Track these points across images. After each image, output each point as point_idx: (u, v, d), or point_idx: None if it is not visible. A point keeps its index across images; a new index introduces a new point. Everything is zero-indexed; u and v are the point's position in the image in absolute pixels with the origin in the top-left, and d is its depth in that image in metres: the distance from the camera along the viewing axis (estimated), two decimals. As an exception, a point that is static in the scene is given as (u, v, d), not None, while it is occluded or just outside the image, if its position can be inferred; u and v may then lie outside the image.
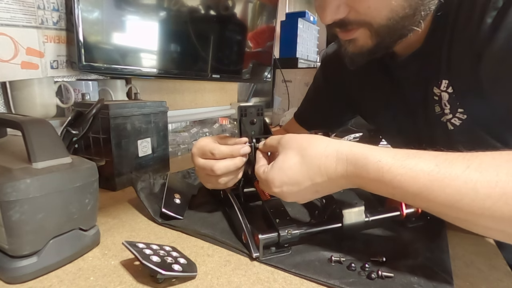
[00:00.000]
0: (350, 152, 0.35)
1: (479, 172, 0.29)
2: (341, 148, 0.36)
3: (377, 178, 0.33)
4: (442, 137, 0.48)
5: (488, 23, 0.36)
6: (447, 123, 0.46)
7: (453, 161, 0.31)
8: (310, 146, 0.38)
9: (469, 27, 0.39)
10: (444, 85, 0.44)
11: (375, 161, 0.33)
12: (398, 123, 0.57)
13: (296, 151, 0.38)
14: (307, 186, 0.37)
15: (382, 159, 0.33)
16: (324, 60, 0.72)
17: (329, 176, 0.36)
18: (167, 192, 0.52)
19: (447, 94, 0.44)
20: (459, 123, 0.45)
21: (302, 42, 1.80)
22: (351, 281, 0.34)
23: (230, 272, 0.37)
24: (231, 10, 1.02)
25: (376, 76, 0.56)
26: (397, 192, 0.33)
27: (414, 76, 0.49)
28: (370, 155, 0.34)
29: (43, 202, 0.34)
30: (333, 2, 0.40)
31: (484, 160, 0.30)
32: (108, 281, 0.35)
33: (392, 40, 0.42)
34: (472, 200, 0.29)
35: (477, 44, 0.38)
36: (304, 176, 0.37)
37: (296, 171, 0.37)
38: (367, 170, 0.34)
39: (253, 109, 0.47)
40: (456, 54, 0.42)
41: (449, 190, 0.30)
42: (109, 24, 0.68)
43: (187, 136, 1.04)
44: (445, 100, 0.44)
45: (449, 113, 0.45)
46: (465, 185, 0.29)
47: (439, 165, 0.31)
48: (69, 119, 0.51)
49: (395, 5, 0.38)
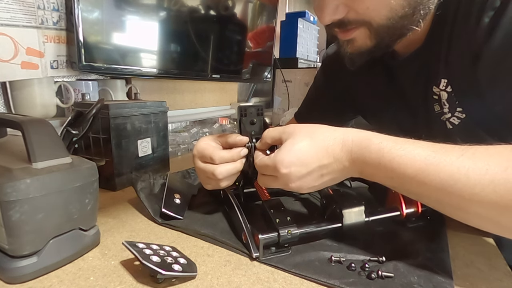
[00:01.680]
0: (356, 135, 0.37)
1: (471, 160, 0.31)
2: (347, 132, 0.38)
3: (377, 158, 0.35)
4: (441, 136, 0.48)
5: (485, 23, 0.36)
6: (446, 122, 0.46)
7: (448, 149, 0.33)
8: (318, 130, 0.40)
9: (467, 27, 0.39)
10: (443, 84, 0.44)
11: (377, 142, 0.36)
12: (398, 123, 0.57)
13: (304, 135, 0.39)
14: (314, 168, 0.38)
15: (383, 142, 0.36)
16: (324, 61, 0.72)
17: (335, 157, 0.37)
18: (167, 192, 0.52)
19: (446, 93, 0.44)
20: (457, 122, 0.45)
21: (302, 42, 1.80)
22: (351, 281, 0.34)
23: (230, 272, 0.37)
24: (231, 10, 1.02)
25: (376, 75, 0.56)
26: (395, 175, 0.34)
27: (415, 75, 0.49)
28: (373, 137, 0.37)
29: (43, 202, 0.34)
30: (332, 2, 0.40)
31: (478, 151, 0.32)
32: (108, 281, 0.35)
33: (392, 40, 0.42)
34: (463, 185, 0.31)
35: (475, 44, 0.38)
36: (313, 157, 0.38)
37: (304, 152, 0.38)
38: (370, 151, 0.36)
39: (253, 109, 0.47)
40: (455, 53, 0.42)
41: (443, 175, 0.32)
42: (109, 24, 0.68)
43: (187, 136, 1.04)
44: (444, 99, 0.45)
45: (448, 112, 0.45)
46: (458, 170, 0.31)
47: (435, 151, 0.33)
48: (69, 119, 0.51)
49: (395, 4, 0.38)
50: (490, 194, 0.29)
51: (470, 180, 0.30)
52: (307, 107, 0.79)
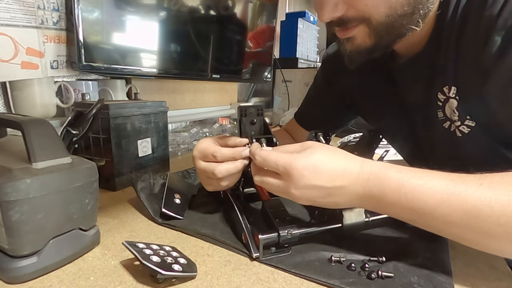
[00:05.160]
0: (373, 164, 0.36)
1: (492, 190, 0.31)
2: (365, 160, 0.37)
3: (397, 187, 0.34)
4: (448, 143, 0.47)
5: (496, 41, 0.36)
6: (455, 130, 0.45)
7: (466, 179, 0.32)
8: (338, 150, 0.39)
9: (476, 41, 0.38)
10: (453, 92, 0.43)
11: (397, 171, 0.35)
12: (397, 123, 0.57)
13: (326, 149, 0.38)
14: (324, 185, 0.36)
15: (403, 171, 0.35)
16: (324, 60, 0.72)
17: (350, 182, 0.36)
18: (167, 192, 0.52)
19: (455, 101, 0.43)
20: (467, 131, 0.44)
21: (302, 42, 1.80)
22: (351, 281, 0.34)
23: (230, 272, 0.37)
24: (231, 10, 1.02)
25: (376, 77, 0.56)
26: (416, 205, 0.33)
27: (414, 78, 0.49)
28: (391, 166, 0.36)
29: (43, 202, 0.34)
30: (331, 0, 0.40)
31: (494, 179, 0.32)
32: (108, 281, 0.35)
33: (391, 39, 0.42)
34: (488, 216, 0.30)
35: (484, 60, 0.37)
36: (328, 172, 0.35)
37: (323, 163, 0.36)
38: (389, 178, 0.34)
39: (253, 109, 0.47)
40: (464, 65, 0.41)
41: (466, 205, 0.31)
42: (109, 24, 0.68)
43: (187, 136, 1.04)
44: (454, 107, 0.44)
45: (458, 120, 0.44)
46: (480, 201, 0.31)
47: (454, 181, 0.32)
48: (69, 119, 0.51)
49: (394, 2, 0.38)
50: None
51: (494, 211, 0.30)
52: (307, 107, 0.79)
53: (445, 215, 0.32)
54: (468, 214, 0.31)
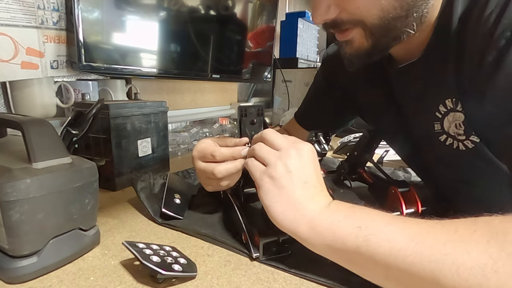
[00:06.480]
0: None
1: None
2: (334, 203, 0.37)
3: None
4: (445, 154, 0.47)
5: (488, 61, 0.35)
6: (457, 144, 0.44)
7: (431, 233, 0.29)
8: None
9: (472, 60, 0.37)
10: (460, 106, 0.42)
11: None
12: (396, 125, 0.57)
13: None
14: (310, 175, 0.37)
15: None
16: (324, 61, 0.72)
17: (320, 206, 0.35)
18: (167, 192, 0.52)
19: (462, 114, 0.42)
20: (471, 146, 0.43)
21: (302, 42, 1.80)
22: (351, 281, 0.34)
23: (230, 272, 0.37)
24: (231, 10, 1.02)
25: (376, 79, 0.56)
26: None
27: (410, 85, 0.48)
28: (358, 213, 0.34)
29: (43, 202, 0.34)
30: (324, 3, 0.40)
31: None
32: (108, 281, 0.35)
33: (387, 41, 0.42)
34: None
35: (480, 80, 0.36)
36: (318, 174, 0.37)
37: (315, 174, 0.37)
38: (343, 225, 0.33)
39: (253, 109, 0.47)
40: (466, 82, 0.40)
41: None
42: (109, 24, 0.68)
43: (187, 136, 1.04)
44: (460, 121, 0.42)
45: (463, 135, 0.43)
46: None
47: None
48: (69, 119, 0.51)
49: (386, 5, 0.38)
50: None
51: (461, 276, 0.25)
52: (307, 107, 0.79)
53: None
54: None
